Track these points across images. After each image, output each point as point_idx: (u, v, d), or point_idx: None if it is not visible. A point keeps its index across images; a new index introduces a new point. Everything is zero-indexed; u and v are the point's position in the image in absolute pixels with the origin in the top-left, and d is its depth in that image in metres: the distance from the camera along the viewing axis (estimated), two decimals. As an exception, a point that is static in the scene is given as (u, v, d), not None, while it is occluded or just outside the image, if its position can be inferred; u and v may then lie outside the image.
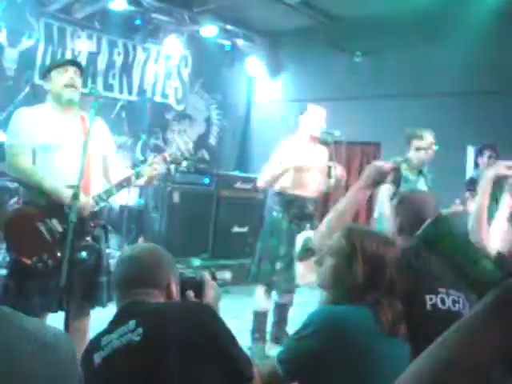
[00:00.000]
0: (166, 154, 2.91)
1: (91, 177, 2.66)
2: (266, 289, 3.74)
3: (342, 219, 1.92)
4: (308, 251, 3.53)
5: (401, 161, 3.63)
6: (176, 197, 5.86)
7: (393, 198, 2.92)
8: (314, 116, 3.69)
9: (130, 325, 1.34)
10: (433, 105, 5.45)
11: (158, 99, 7.13)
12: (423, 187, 3.65)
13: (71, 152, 2.59)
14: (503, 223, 2.24)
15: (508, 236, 2.15)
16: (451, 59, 5.09)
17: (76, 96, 2.70)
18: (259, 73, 7.40)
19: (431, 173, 3.77)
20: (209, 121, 7.98)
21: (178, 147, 2.95)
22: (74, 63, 2.80)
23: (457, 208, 3.55)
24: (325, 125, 3.69)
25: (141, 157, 6.94)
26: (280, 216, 3.71)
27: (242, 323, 4.05)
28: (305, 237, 3.64)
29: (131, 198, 5.90)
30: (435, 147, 3.65)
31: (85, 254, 2.56)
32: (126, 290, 1.49)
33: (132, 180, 2.76)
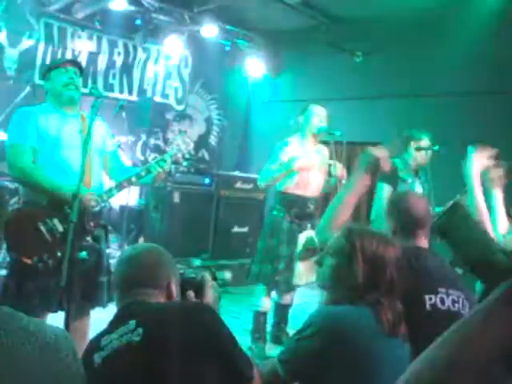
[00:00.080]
0: (179, 156, 2.93)
1: (91, 176, 2.66)
2: (267, 289, 3.75)
3: (346, 210, 1.98)
4: (309, 251, 3.54)
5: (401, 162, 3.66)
6: (176, 197, 5.86)
7: None
8: (315, 116, 3.69)
9: (130, 325, 1.34)
10: (432, 105, 5.44)
11: (158, 99, 7.12)
12: (419, 189, 3.67)
13: (72, 152, 2.60)
14: (504, 217, 2.28)
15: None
16: (451, 59, 5.09)
17: (76, 96, 2.70)
18: (259, 73, 7.40)
19: (425, 175, 3.80)
20: (209, 121, 7.98)
21: (179, 147, 2.96)
22: (74, 63, 2.80)
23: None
24: (325, 125, 3.70)
25: (141, 157, 6.94)
26: (280, 216, 3.71)
27: (242, 323, 4.05)
28: (306, 236, 3.65)
29: (131, 198, 5.90)
30: (435, 147, 3.66)
31: (85, 254, 2.56)
32: (126, 290, 1.49)
33: (133, 180, 2.76)
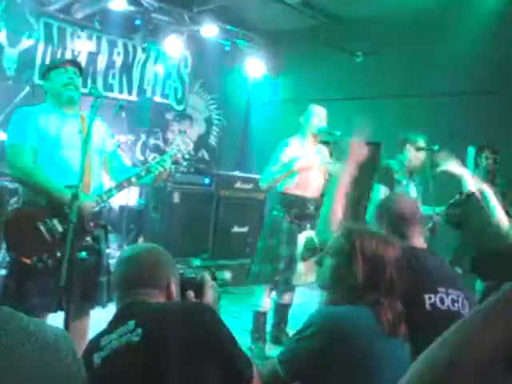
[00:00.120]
0: (179, 156, 2.93)
1: (91, 176, 2.66)
2: (267, 289, 3.74)
3: (339, 203, 2.18)
4: (309, 251, 3.54)
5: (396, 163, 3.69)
6: (176, 197, 5.85)
7: None
8: (315, 116, 3.69)
9: (130, 325, 1.34)
10: (433, 105, 5.44)
11: (158, 99, 7.12)
12: (413, 191, 3.69)
13: (71, 152, 2.59)
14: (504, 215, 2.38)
15: None
16: (451, 59, 5.09)
17: (76, 95, 2.70)
18: (259, 73, 7.40)
19: (419, 177, 3.82)
20: (209, 121, 7.98)
21: (179, 148, 2.96)
22: (74, 63, 2.80)
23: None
24: (325, 125, 3.70)
25: (140, 157, 6.94)
26: (280, 216, 3.71)
27: (242, 323, 4.05)
28: (306, 237, 3.65)
29: (131, 198, 5.89)
30: (435, 147, 3.66)
31: (85, 254, 2.56)
32: (126, 290, 1.49)
33: (133, 180, 2.75)
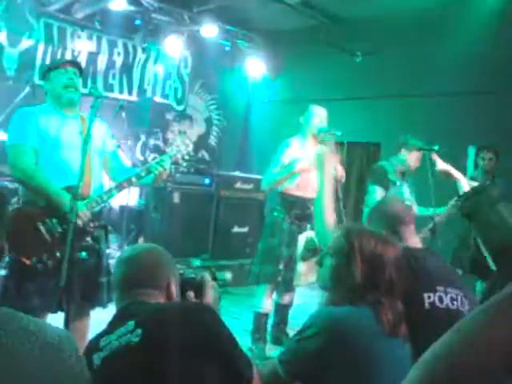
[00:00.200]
0: (178, 156, 2.93)
1: (91, 177, 2.66)
2: (267, 289, 3.74)
3: (329, 203, 2.27)
4: (310, 251, 3.54)
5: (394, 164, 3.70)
6: (176, 197, 5.85)
7: None
8: (315, 116, 3.69)
9: (129, 325, 1.33)
10: (433, 105, 5.44)
11: (158, 99, 7.12)
12: (407, 192, 3.70)
13: (71, 152, 2.59)
14: None
15: None
16: (451, 59, 5.09)
17: (76, 96, 2.70)
18: (259, 73, 7.39)
19: (411, 178, 3.84)
20: (209, 121, 7.98)
21: (178, 148, 2.96)
22: (74, 64, 2.79)
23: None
24: (325, 125, 3.69)
25: (140, 157, 6.93)
26: (281, 217, 3.70)
27: (243, 324, 4.05)
28: (306, 237, 3.65)
29: (131, 198, 5.89)
30: (435, 147, 3.67)
31: (85, 255, 2.56)
32: (126, 291, 1.48)
33: (133, 181, 2.75)
